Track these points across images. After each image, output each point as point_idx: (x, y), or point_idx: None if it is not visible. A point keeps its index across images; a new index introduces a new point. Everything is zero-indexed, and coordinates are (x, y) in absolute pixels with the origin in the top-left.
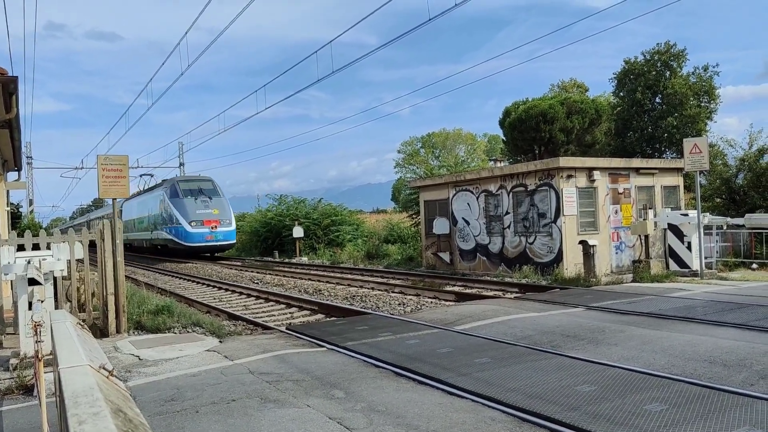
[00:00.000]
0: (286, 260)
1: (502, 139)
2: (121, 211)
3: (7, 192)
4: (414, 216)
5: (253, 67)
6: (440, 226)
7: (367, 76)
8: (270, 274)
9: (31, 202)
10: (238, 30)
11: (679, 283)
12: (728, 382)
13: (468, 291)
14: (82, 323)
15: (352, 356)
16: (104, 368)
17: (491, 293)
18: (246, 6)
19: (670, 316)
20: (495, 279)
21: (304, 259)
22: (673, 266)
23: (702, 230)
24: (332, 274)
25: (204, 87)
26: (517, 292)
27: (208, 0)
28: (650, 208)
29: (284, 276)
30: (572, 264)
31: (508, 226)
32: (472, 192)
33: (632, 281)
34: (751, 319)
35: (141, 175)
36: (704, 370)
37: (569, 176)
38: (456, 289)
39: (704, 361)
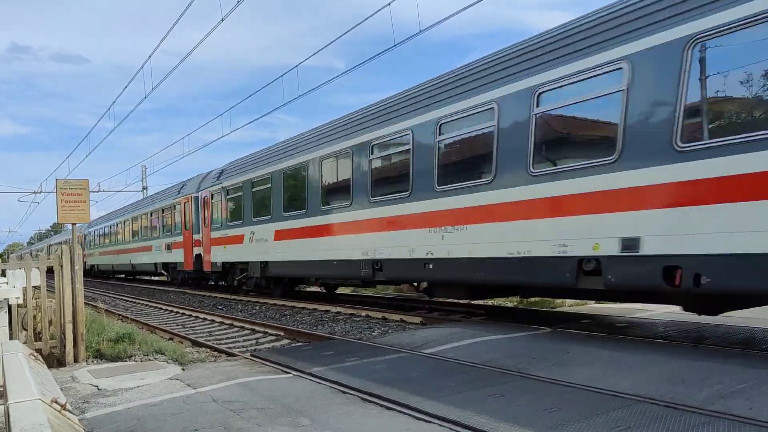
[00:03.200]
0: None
1: None
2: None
3: None
4: None
5: (219, 90)
6: None
7: (335, 100)
8: (235, 300)
9: None
10: (206, 54)
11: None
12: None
13: (434, 314)
14: (37, 354)
15: (319, 382)
16: (57, 402)
17: (458, 316)
18: (210, 31)
19: (631, 335)
20: (462, 301)
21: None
22: None
23: None
24: (294, 303)
25: (169, 110)
26: (483, 315)
27: (172, 25)
28: None
29: (247, 303)
30: None
31: None
32: None
33: (595, 302)
34: None
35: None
36: (666, 389)
37: None
38: (422, 312)
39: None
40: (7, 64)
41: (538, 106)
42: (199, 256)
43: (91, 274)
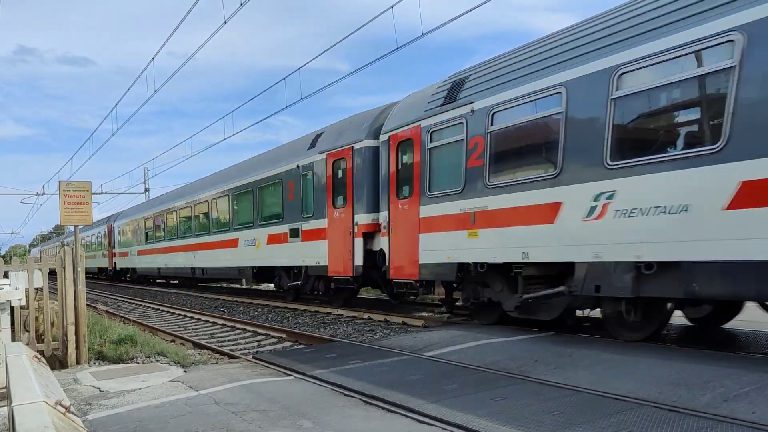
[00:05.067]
0: (254, 287)
1: None
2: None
3: None
4: None
5: (222, 93)
6: None
7: (338, 102)
8: (237, 301)
9: None
10: (209, 57)
11: None
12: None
13: (436, 316)
14: (40, 355)
15: (321, 385)
16: (61, 404)
17: (460, 318)
18: (213, 34)
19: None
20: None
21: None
22: None
23: None
24: (296, 305)
25: (172, 112)
26: None
27: (174, 27)
28: None
29: (249, 305)
30: None
31: None
32: None
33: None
34: None
35: None
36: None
37: None
38: (424, 314)
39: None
40: (12, 66)
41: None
42: (373, 253)
43: (121, 279)
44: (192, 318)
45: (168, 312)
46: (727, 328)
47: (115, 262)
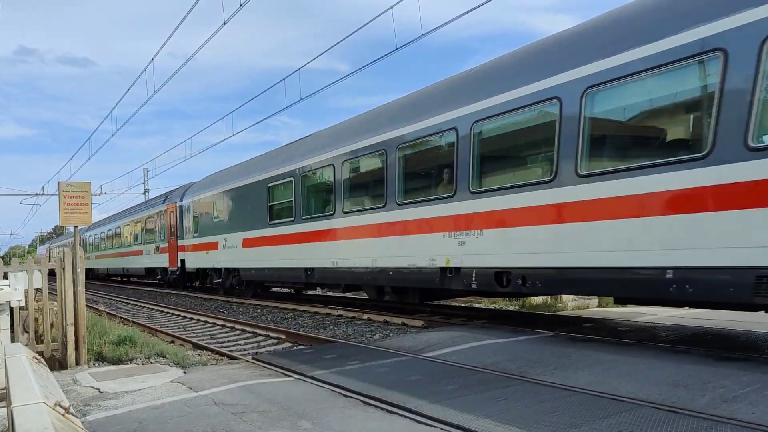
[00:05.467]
0: None
1: None
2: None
3: None
4: None
5: (222, 93)
6: None
7: (338, 102)
8: (237, 302)
9: None
10: (209, 57)
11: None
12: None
13: (436, 317)
14: (39, 356)
15: (321, 386)
16: (60, 405)
17: (459, 320)
18: (212, 34)
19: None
20: (463, 305)
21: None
22: None
23: None
24: (296, 305)
25: (172, 113)
26: (485, 318)
27: (174, 28)
28: None
29: (248, 306)
30: None
31: None
32: None
33: (597, 306)
34: None
35: None
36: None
37: None
38: (424, 315)
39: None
40: (12, 67)
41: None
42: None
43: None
44: (191, 319)
45: (167, 313)
46: (726, 329)
47: (182, 260)
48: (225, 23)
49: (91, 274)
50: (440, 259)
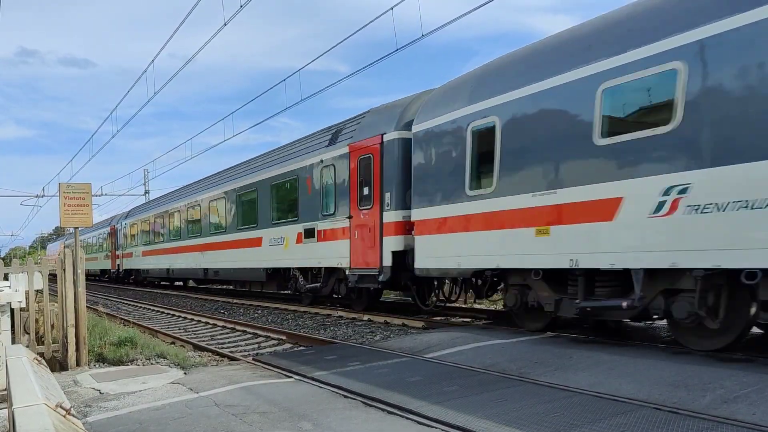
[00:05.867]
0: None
1: None
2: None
3: None
4: None
5: (222, 94)
6: None
7: (339, 103)
8: (237, 303)
9: None
10: (209, 58)
11: None
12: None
13: (436, 318)
14: (40, 357)
15: (321, 387)
16: (61, 406)
17: (460, 320)
18: (213, 35)
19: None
20: (464, 306)
21: None
22: None
23: None
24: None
25: (172, 114)
26: (486, 319)
27: (175, 29)
28: None
29: (249, 307)
30: None
31: None
32: None
33: None
34: None
35: None
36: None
37: None
38: (425, 316)
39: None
40: (13, 68)
41: None
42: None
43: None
44: (192, 320)
45: (168, 314)
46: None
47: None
48: (225, 24)
49: (132, 278)
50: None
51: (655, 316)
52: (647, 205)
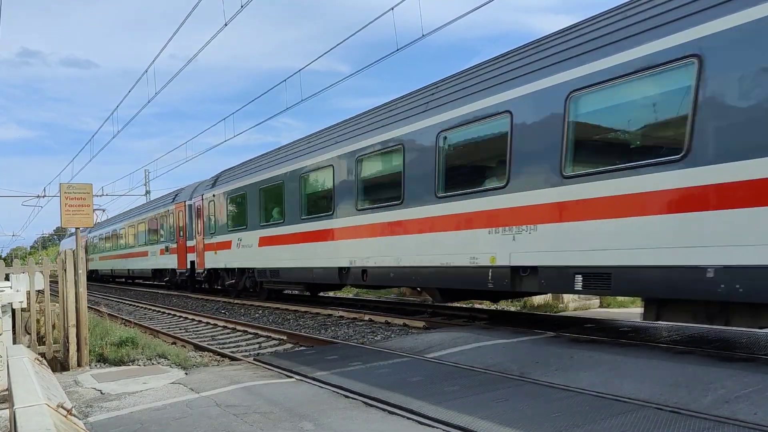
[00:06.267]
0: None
1: None
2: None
3: None
4: None
5: (223, 94)
6: None
7: (339, 103)
8: (238, 303)
9: None
10: (210, 58)
11: None
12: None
13: (437, 318)
14: (41, 358)
15: (322, 387)
16: (62, 407)
17: (461, 320)
18: (213, 36)
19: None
20: (465, 306)
21: None
22: None
23: None
24: (298, 307)
25: (173, 114)
26: (486, 319)
27: (176, 29)
28: None
29: (249, 307)
30: None
31: None
32: None
33: (599, 306)
34: None
35: None
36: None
37: None
38: (425, 316)
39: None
40: (15, 69)
41: None
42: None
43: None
44: (193, 320)
45: (169, 314)
46: (727, 329)
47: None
48: (226, 24)
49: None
50: None
51: None
52: None
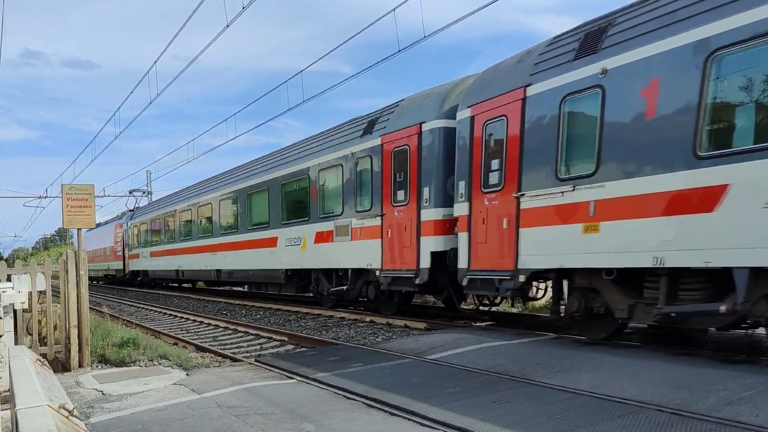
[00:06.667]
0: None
1: None
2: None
3: None
4: None
5: (224, 95)
6: None
7: (341, 104)
8: (239, 304)
9: None
10: (212, 59)
11: None
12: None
13: (439, 320)
14: (43, 358)
15: (323, 388)
16: (64, 408)
17: (462, 322)
18: (215, 37)
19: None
20: (465, 307)
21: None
22: None
23: None
24: (297, 308)
25: (175, 115)
26: (487, 321)
27: (177, 31)
28: None
29: (251, 308)
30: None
31: None
32: None
33: None
34: None
35: None
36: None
37: None
38: (427, 318)
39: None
40: (17, 70)
41: None
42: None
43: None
44: (194, 321)
45: (170, 315)
46: (730, 331)
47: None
48: (228, 26)
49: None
50: None
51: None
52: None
